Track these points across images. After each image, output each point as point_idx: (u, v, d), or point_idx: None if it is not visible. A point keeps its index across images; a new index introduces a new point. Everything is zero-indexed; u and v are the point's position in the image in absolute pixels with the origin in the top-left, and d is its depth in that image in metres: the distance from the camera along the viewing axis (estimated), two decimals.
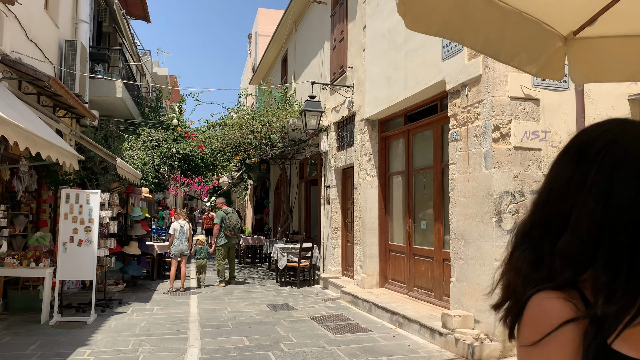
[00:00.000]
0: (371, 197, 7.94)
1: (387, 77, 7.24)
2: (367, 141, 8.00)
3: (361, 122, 8.18)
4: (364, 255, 7.96)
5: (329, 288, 9.04)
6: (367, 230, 7.89)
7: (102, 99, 11.56)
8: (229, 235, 9.57)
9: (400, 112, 7.36)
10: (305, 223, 12.58)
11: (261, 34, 19.95)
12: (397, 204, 7.74)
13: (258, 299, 8.20)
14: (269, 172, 16.64)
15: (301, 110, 8.42)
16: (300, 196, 12.99)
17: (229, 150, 11.17)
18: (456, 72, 5.52)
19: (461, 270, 5.37)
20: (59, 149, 5.81)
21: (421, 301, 6.68)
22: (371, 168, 7.98)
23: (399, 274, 7.48)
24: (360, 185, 8.16)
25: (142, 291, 8.94)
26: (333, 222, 9.61)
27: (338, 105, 9.33)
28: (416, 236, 7.05)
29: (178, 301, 8.02)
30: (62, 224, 6.58)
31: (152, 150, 11.81)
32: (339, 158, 9.34)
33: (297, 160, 12.83)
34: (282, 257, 9.44)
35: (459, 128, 5.48)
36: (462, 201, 5.39)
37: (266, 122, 9.86)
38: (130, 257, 9.48)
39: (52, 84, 7.06)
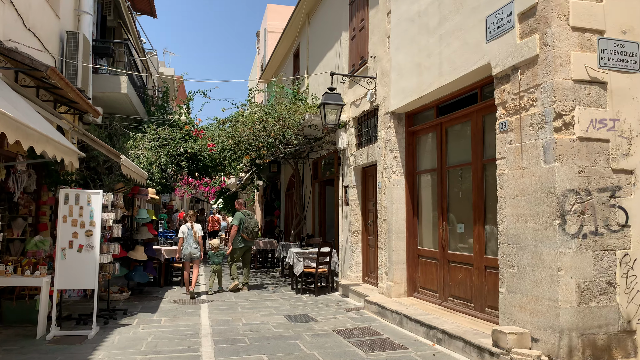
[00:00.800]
0: (397, 198, 7.26)
1: (417, 64, 6.57)
2: (392, 136, 7.33)
3: (386, 115, 7.52)
4: (389, 261, 7.29)
5: (349, 296, 8.36)
6: (394, 233, 7.21)
7: (106, 95, 10.97)
8: (246, 238, 9.04)
9: (432, 103, 6.69)
10: (319, 226, 11.92)
11: (270, 30, 19.35)
12: (426, 205, 7.06)
13: (274, 309, 7.54)
14: (279, 172, 16.01)
15: (320, 104, 7.77)
16: (314, 197, 12.34)
17: (239, 148, 10.54)
18: (505, 54, 4.85)
19: (513, 280, 4.68)
20: (56, 143, 5.19)
21: (458, 313, 5.99)
22: (397, 166, 7.30)
23: (429, 282, 6.80)
24: (385, 184, 7.48)
25: (149, 299, 8.31)
26: (352, 224, 8.94)
27: (358, 99, 8.67)
28: (451, 240, 6.37)
29: (187, 311, 7.37)
30: (60, 228, 5.96)
31: (158, 149, 11.20)
32: (359, 156, 8.67)
33: (311, 159, 12.18)
34: (299, 262, 8.77)
35: (509, 117, 4.80)
36: (513, 201, 4.71)
37: (280, 117, 9.21)
38: (136, 262, 8.85)
39: (50, 74, 6.45)
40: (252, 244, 9.29)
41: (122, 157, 6.69)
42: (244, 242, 9.09)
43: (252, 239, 9.09)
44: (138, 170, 7.92)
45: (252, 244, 9.27)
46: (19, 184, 7.35)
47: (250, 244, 9.26)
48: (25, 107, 5.73)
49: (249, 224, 8.97)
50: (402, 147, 7.33)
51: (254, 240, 9.20)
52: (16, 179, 7.27)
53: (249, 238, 9.03)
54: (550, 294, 4.20)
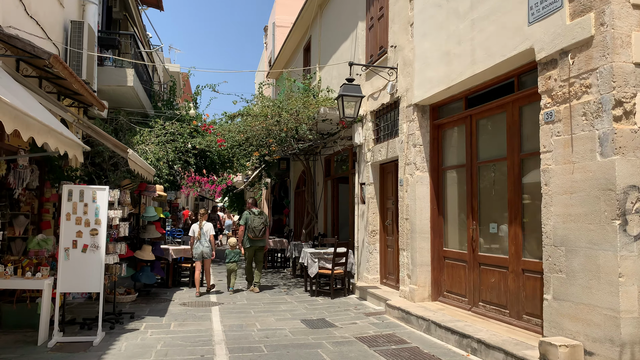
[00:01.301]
0: (421, 196, 6.82)
1: (445, 53, 6.12)
2: (415, 130, 6.89)
3: (408, 108, 7.07)
4: (412, 262, 6.85)
5: (367, 299, 7.93)
6: (417, 234, 6.77)
7: (111, 89, 10.58)
8: (251, 237, 8.79)
9: (461, 94, 6.24)
10: (332, 225, 11.49)
11: (279, 24, 18.92)
12: (452, 204, 6.61)
13: (289, 312, 7.12)
14: (289, 170, 15.58)
15: (338, 96, 7.32)
16: (326, 195, 11.91)
17: (249, 144, 10.12)
18: (551, 37, 4.39)
19: (561, 286, 4.23)
20: (59, 135, 4.78)
21: (491, 320, 5.55)
22: (421, 161, 6.86)
23: (457, 286, 6.36)
24: (408, 181, 7.04)
25: (156, 302, 7.90)
26: (370, 224, 8.50)
27: (376, 91, 8.23)
28: (482, 241, 5.92)
29: (198, 315, 6.96)
30: (63, 226, 5.55)
31: (166, 144, 10.80)
32: (377, 151, 8.23)
33: (323, 155, 11.74)
34: (313, 263, 8.35)
35: (557, 107, 4.35)
36: (562, 199, 4.26)
37: (294, 111, 8.77)
38: (143, 263, 8.44)
39: (53, 62, 6.04)
40: (261, 243, 8.98)
41: (129, 151, 6.28)
42: (250, 241, 8.88)
43: (257, 237, 8.79)
44: (146, 166, 7.52)
45: (261, 242, 8.96)
46: (20, 179, 6.96)
47: (260, 243, 8.96)
48: (26, 96, 5.32)
49: (253, 222, 8.74)
50: (426, 141, 6.88)
51: (263, 239, 8.93)
52: (17, 175, 6.88)
53: (253, 236, 8.77)
54: (609, 302, 3.75)
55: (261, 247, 9.02)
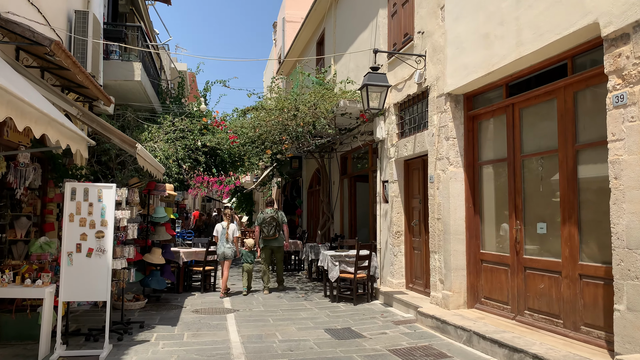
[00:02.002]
0: (455, 193, 6.25)
1: (484, 35, 5.55)
2: (448, 122, 6.32)
3: (440, 98, 6.50)
4: (445, 266, 6.28)
5: (393, 306, 7.36)
6: (451, 235, 6.20)
7: (118, 84, 10.09)
8: (263, 237, 8.78)
9: (501, 81, 5.66)
10: (350, 225, 10.93)
11: (289, 20, 18.40)
12: (490, 202, 6.04)
13: (311, 321, 6.57)
14: (301, 168, 15.05)
15: (362, 85, 6.76)
16: (343, 194, 11.36)
17: (262, 141, 9.59)
18: (622, 8, 3.82)
19: (638, 295, 3.65)
20: (59, 126, 4.26)
21: (541, 331, 4.97)
22: (455, 156, 6.29)
23: (497, 292, 5.78)
24: (440, 178, 6.47)
25: (167, 309, 7.38)
26: (394, 224, 7.93)
27: (400, 82, 7.66)
28: (528, 243, 5.35)
29: (212, 323, 6.43)
30: (66, 229, 5.04)
31: (175, 141, 10.29)
32: (402, 147, 7.66)
33: (339, 152, 11.19)
34: (334, 266, 7.79)
35: (630, 88, 3.77)
36: (637, 194, 3.68)
37: (312, 104, 8.22)
38: (153, 267, 7.93)
39: (54, 49, 5.54)
40: (276, 243, 8.83)
41: (138, 146, 5.76)
42: (264, 241, 8.81)
43: (269, 237, 8.69)
44: (155, 163, 7.01)
45: (276, 242, 8.83)
46: (21, 178, 6.47)
47: (274, 243, 8.82)
48: (25, 86, 4.81)
49: (264, 222, 8.69)
50: (460, 134, 6.31)
51: (277, 239, 8.81)
52: (18, 173, 6.39)
53: (266, 237, 8.71)
54: None
55: (277, 247, 8.88)
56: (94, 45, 8.78)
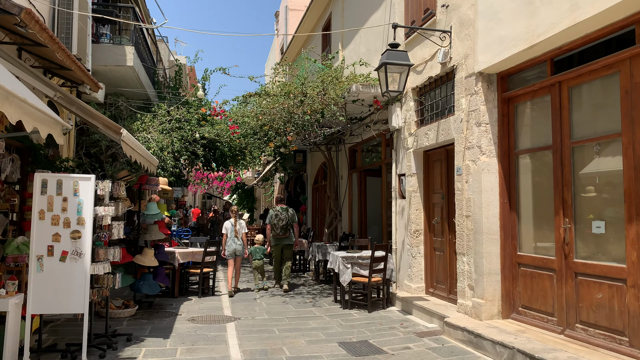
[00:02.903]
0: (488, 187, 5.45)
1: (527, 1, 4.74)
2: (480, 105, 5.52)
3: (469, 78, 5.70)
4: (476, 270, 5.49)
5: (413, 313, 6.58)
6: (483, 235, 5.40)
7: (108, 69, 9.30)
8: (273, 235, 8.70)
9: (545, 55, 4.86)
10: (359, 223, 10.15)
11: (292, 8, 17.59)
12: (529, 196, 5.25)
13: (322, 332, 5.79)
14: (305, 163, 14.26)
15: (380, 64, 5.94)
16: (351, 190, 10.57)
17: (265, 132, 8.80)
18: None
19: None
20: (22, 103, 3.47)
21: (599, 349, 4.18)
22: (488, 144, 5.49)
23: (539, 301, 4.99)
24: (469, 169, 5.68)
25: (160, 316, 6.61)
26: (412, 222, 7.14)
27: (420, 63, 6.86)
28: (580, 245, 4.55)
29: (210, 335, 5.65)
30: (35, 228, 4.27)
31: (171, 132, 9.51)
32: (422, 136, 6.87)
33: (348, 145, 10.40)
34: (346, 269, 7.01)
35: None
36: None
37: (321, 89, 7.43)
38: (144, 269, 7.16)
39: (25, 18, 4.76)
40: (287, 241, 8.75)
41: (123, 132, 4.97)
42: (275, 239, 8.74)
43: (279, 234, 8.64)
44: (146, 154, 6.22)
45: (287, 240, 8.74)
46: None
47: (285, 241, 8.74)
48: None
49: (275, 220, 8.60)
50: (493, 119, 5.51)
51: (288, 237, 8.74)
52: None
53: (277, 235, 8.65)
54: None
55: (288, 245, 8.78)
56: (81, 26, 8.00)
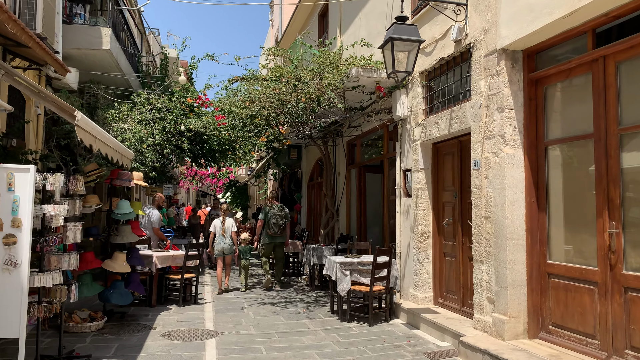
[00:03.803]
0: (512, 183, 4.65)
1: None
2: (503, 87, 4.70)
3: (490, 57, 4.88)
4: (497, 281, 4.69)
5: (420, 328, 5.77)
6: (507, 239, 4.60)
7: (83, 53, 8.43)
8: (270, 233, 8.55)
9: (586, 25, 4.05)
10: (358, 224, 9.33)
11: None
12: (560, 193, 4.44)
13: (316, 351, 4.97)
14: (300, 159, 13.43)
15: (386, 40, 5.11)
16: (350, 188, 9.75)
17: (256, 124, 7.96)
18: None
19: None
20: None
21: None
22: (512, 133, 4.68)
23: (575, 319, 4.18)
24: (489, 163, 4.87)
25: (131, 330, 5.76)
26: (419, 224, 6.33)
27: (430, 43, 6.04)
28: (631, 254, 3.75)
29: (186, 356, 4.82)
30: None
31: (151, 123, 8.65)
32: (432, 125, 6.05)
33: (345, 138, 9.58)
34: (344, 276, 6.18)
35: None
36: None
37: (317, 73, 6.59)
38: (117, 276, 6.32)
39: None
40: (281, 239, 8.70)
41: (77, 115, 4.12)
42: (269, 237, 8.60)
43: (276, 233, 8.53)
44: (114, 143, 5.38)
45: (281, 239, 8.68)
46: None
47: (279, 239, 8.67)
48: None
49: (274, 218, 8.44)
50: (519, 103, 4.70)
51: (283, 235, 8.67)
52: None
53: (272, 232, 8.51)
54: None
55: (281, 243, 8.70)
56: (47, 2, 7.13)
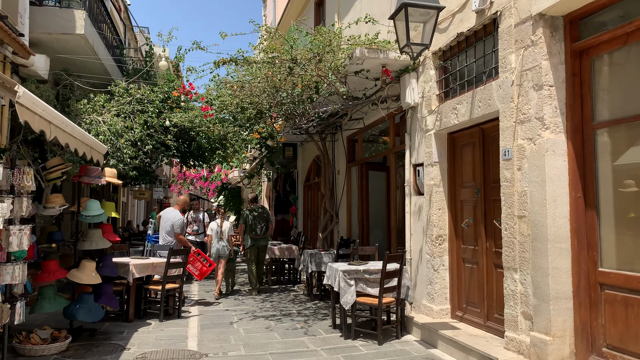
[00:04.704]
0: (554, 175, 3.86)
1: None
2: (541, 60, 3.92)
3: (522, 25, 4.10)
4: (536, 293, 3.89)
5: (438, 347, 4.95)
6: (549, 242, 3.80)
7: (54, 38, 7.58)
8: (252, 236, 8.42)
9: None
10: (360, 226, 8.51)
11: None
12: (610, 187, 3.66)
13: None
14: (295, 158, 12.62)
15: (398, 7, 4.31)
16: (350, 187, 8.95)
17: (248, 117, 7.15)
18: None
19: None
20: None
21: None
22: (552, 114, 3.90)
23: (639, 341, 3.39)
24: (524, 151, 4.08)
25: (100, 353, 4.90)
26: (433, 225, 5.53)
27: (445, 18, 5.25)
28: None
29: None
30: None
31: (131, 115, 7.80)
32: (448, 112, 5.26)
33: (346, 132, 8.78)
34: (348, 287, 5.36)
35: None
36: None
37: (315, 54, 5.79)
38: (87, 288, 5.46)
39: None
40: (264, 242, 8.61)
41: (19, 90, 3.29)
42: (252, 240, 8.45)
43: (259, 236, 8.44)
44: (76, 131, 4.56)
45: (264, 241, 8.60)
46: None
47: (262, 242, 8.57)
48: None
49: (254, 220, 8.38)
50: (559, 79, 3.92)
51: (266, 237, 8.63)
52: None
53: (256, 235, 8.42)
54: None
55: (264, 245, 8.63)
56: None
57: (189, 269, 7.03)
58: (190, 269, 7.08)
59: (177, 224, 7.57)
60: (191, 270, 7.11)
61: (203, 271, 7.20)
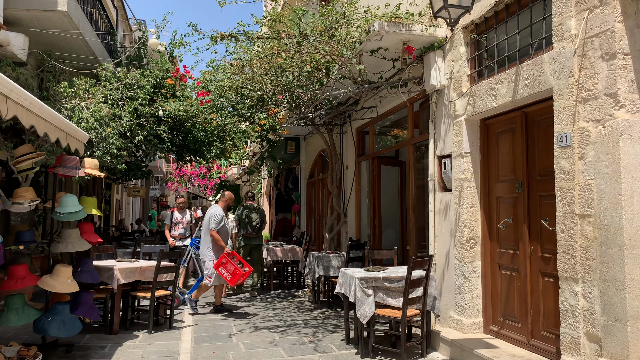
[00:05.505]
0: (630, 164, 3.13)
1: None
2: (614, 22, 3.18)
3: None
4: (605, 310, 3.16)
5: None
6: (625, 248, 3.07)
7: (34, 16, 6.82)
8: (245, 234, 8.07)
9: None
10: (372, 226, 7.77)
11: None
12: None
13: None
14: (298, 153, 11.87)
15: None
16: (359, 184, 8.21)
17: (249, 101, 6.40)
18: None
19: None
20: None
21: None
22: (628, 89, 3.16)
23: None
24: (589, 136, 3.34)
25: None
26: (463, 226, 4.79)
27: None
28: None
29: None
30: None
31: (119, 102, 7.05)
32: (483, 94, 4.53)
33: (356, 124, 8.05)
34: (366, 297, 4.61)
35: None
36: None
37: (326, 28, 5.04)
38: (63, 296, 4.71)
39: None
40: (257, 241, 8.19)
41: None
42: (245, 239, 8.09)
43: (254, 234, 8.09)
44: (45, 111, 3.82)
45: (257, 240, 8.19)
46: None
47: (256, 241, 8.17)
48: None
49: (249, 218, 8.06)
50: (636, 46, 3.18)
51: (259, 236, 8.22)
52: None
53: (248, 234, 8.07)
54: None
55: (258, 245, 8.20)
56: None
57: (220, 272, 6.15)
58: (221, 272, 6.18)
59: (212, 221, 6.61)
60: (222, 273, 6.14)
61: (237, 275, 6.12)
